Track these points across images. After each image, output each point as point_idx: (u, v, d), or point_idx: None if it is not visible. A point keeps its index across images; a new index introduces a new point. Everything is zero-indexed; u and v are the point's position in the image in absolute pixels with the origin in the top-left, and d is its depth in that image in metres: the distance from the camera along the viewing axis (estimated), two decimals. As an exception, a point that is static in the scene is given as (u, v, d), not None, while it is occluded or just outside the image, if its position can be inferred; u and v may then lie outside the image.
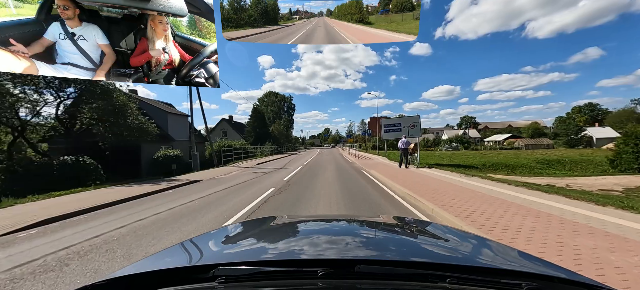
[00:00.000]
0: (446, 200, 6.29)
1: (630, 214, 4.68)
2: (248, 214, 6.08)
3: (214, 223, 5.33)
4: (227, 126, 46.54)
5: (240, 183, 11.02)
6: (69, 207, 6.88)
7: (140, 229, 5.11)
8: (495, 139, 63.40)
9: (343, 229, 1.36)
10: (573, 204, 5.57)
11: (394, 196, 7.54)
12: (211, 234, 1.40)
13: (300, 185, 9.85)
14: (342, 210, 6.23)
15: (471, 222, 4.60)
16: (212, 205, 7.02)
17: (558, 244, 3.57)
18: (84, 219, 6.09)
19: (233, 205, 6.87)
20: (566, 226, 4.22)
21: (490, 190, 7.30)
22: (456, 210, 5.40)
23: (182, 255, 1.09)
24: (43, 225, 5.65)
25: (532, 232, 4.04)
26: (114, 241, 4.48)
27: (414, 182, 9.44)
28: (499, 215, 4.97)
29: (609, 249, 3.35)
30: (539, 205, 5.51)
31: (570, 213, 4.90)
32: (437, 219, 5.29)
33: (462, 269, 0.79)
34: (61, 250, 4.14)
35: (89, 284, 0.72)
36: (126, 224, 5.42)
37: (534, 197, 6.31)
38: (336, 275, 0.73)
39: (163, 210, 6.60)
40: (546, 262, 0.91)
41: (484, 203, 5.90)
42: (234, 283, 0.73)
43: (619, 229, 3.97)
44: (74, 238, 4.71)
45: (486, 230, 4.21)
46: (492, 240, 1.19)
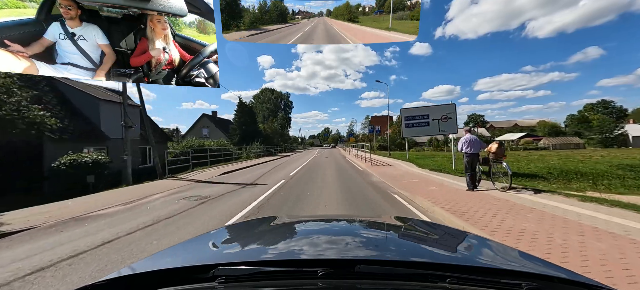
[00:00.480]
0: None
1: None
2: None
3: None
4: (209, 123, 39.57)
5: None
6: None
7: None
8: (507, 138, 54.48)
9: (343, 229, 1.36)
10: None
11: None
12: (211, 234, 1.40)
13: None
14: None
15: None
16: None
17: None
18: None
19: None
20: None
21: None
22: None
23: (182, 255, 1.09)
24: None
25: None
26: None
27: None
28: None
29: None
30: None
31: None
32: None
33: (462, 269, 0.79)
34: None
35: (89, 284, 0.72)
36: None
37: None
38: (336, 275, 0.73)
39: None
40: (546, 262, 0.91)
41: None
42: (234, 283, 0.73)
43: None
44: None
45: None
46: (492, 240, 1.19)
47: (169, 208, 6.51)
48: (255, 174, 13.08)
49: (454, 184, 7.81)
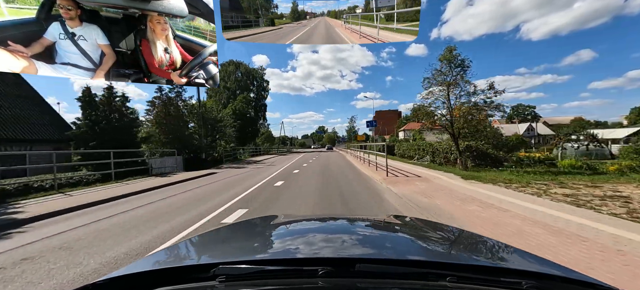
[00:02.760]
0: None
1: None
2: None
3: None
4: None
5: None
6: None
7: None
8: (611, 135, 33.41)
9: (343, 228, 1.36)
10: None
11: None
12: (212, 233, 1.40)
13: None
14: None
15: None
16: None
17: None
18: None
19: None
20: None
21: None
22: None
23: (183, 254, 1.09)
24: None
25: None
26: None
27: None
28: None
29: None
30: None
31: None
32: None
33: (462, 267, 0.79)
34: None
35: (89, 284, 0.72)
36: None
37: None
38: (336, 274, 0.73)
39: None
40: (546, 260, 0.91)
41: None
42: (234, 282, 0.73)
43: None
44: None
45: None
46: (492, 239, 1.19)
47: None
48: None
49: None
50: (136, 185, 9.80)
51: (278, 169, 14.83)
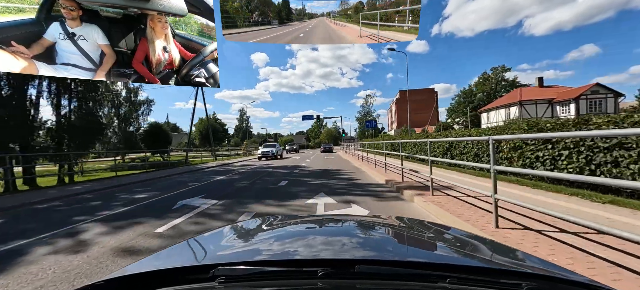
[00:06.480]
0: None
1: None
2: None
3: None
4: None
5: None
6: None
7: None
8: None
9: (343, 229, 1.36)
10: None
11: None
12: (211, 234, 1.40)
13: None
14: None
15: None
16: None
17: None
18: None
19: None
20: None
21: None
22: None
23: (182, 255, 1.09)
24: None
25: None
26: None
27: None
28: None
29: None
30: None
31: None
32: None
33: (462, 269, 0.78)
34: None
35: (89, 284, 0.72)
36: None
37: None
38: (336, 275, 0.73)
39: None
40: (546, 262, 0.91)
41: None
42: (233, 283, 0.73)
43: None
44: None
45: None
46: (492, 240, 1.19)
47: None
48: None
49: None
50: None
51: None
